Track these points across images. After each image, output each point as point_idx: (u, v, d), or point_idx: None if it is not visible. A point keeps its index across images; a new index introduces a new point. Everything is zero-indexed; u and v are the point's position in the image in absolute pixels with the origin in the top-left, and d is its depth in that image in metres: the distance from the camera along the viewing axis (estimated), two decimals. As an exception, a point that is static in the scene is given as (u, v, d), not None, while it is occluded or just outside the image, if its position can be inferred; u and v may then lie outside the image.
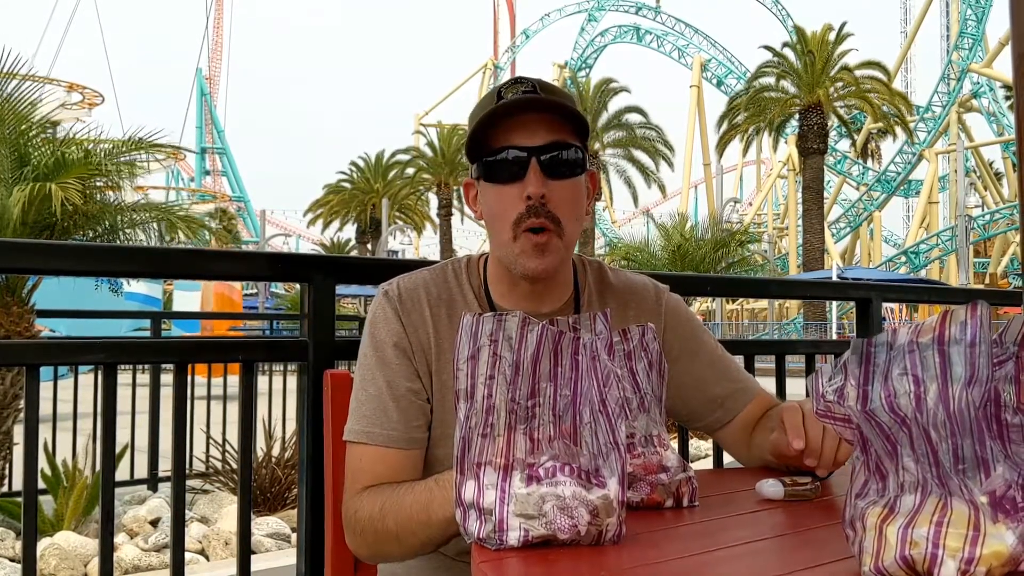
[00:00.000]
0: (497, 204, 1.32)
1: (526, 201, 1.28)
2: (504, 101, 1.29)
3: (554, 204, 1.29)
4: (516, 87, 1.31)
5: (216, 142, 63.56)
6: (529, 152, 1.28)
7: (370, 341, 1.38)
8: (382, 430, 1.30)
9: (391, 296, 1.38)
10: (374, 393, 1.33)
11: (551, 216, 1.29)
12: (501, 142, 1.30)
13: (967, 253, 28.65)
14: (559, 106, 1.29)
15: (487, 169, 1.33)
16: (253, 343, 1.90)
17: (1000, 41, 40.38)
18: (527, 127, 1.29)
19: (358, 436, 1.32)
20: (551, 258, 1.31)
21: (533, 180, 1.27)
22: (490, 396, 1.01)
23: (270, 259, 1.81)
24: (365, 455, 1.31)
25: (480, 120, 1.29)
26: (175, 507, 1.71)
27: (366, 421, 1.32)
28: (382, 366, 1.34)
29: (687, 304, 1.66)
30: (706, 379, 1.51)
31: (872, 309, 2.80)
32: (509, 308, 1.37)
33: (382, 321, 1.37)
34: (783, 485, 1.23)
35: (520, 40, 57.98)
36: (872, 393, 0.87)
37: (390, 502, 1.23)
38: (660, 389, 1.24)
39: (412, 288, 1.39)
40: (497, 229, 1.33)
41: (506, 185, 1.30)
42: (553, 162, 1.29)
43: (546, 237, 1.29)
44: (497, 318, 1.04)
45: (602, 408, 1.01)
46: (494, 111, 1.28)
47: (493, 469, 1.00)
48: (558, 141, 1.29)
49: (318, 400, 1.72)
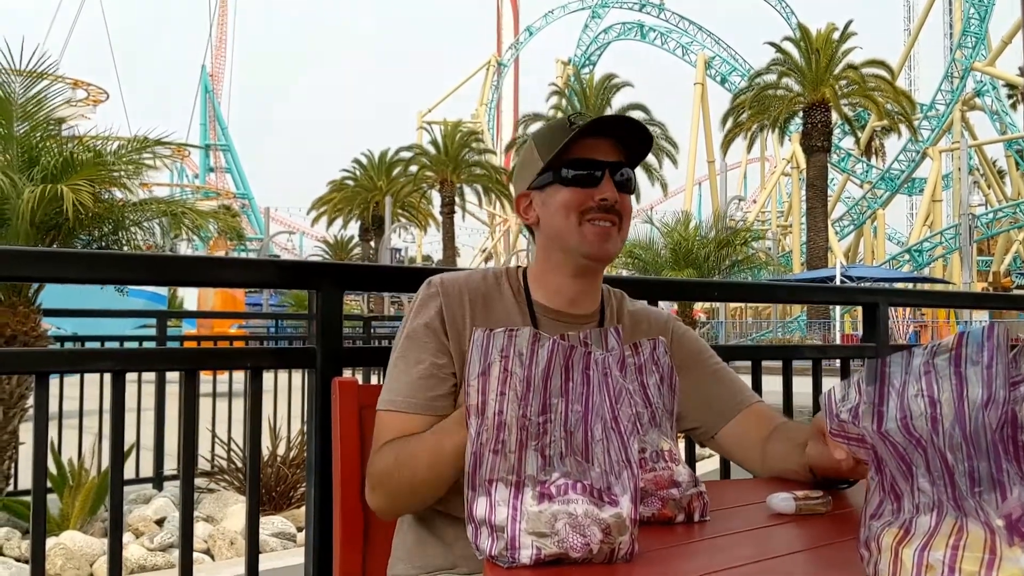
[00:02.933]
0: (571, 201, 1.46)
1: (600, 202, 1.45)
2: (593, 118, 1.46)
3: (621, 208, 1.48)
4: (584, 116, 1.48)
5: (220, 139, 63.63)
6: (606, 165, 1.47)
7: (406, 325, 1.47)
8: (404, 397, 1.39)
9: (433, 284, 1.49)
10: (402, 368, 1.42)
11: (618, 213, 1.47)
12: (578, 154, 1.46)
13: (971, 251, 28.60)
14: (636, 125, 1.48)
15: (564, 174, 1.47)
16: (261, 351, 1.90)
17: (1003, 40, 40.28)
18: (601, 147, 1.48)
19: (384, 405, 1.41)
20: (612, 245, 1.48)
21: (609, 187, 1.46)
22: (501, 412, 1.01)
23: (278, 267, 1.81)
24: (388, 420, 1.39)
25: (581, 129, 1.44)
26: (183, 514, 1.71)
27: (392, 392, 1.41)
28: (412, 344, 1.44)
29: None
30: (704, 388, 1.57)
31: (879, 314, 2.80)
32: (548, 304, 1.50)
33: (419, 307, 1.47)
34: (795, 499, 1.23)
35: (523, 37, 57.93)
36: (887, 413, 0.87)
37: (403, 450, 1.32)
38: (671, 403, 1.24)
39: (453, 280, 1.51)
40: (562, 220, 1.47)
41: (583, 189, 1.46)
42: (622, 177, 1.49)
43: (610, 229, 1.47)
44: (508, 333, 1.04)
45: (614, 425, 1.01)
46: (593, 123, 1.45)
47: (505, 486, 1.00)
48: (622, 162, 1.49)
49: (326, 407, 1.72)
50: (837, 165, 42.68)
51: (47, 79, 5.79)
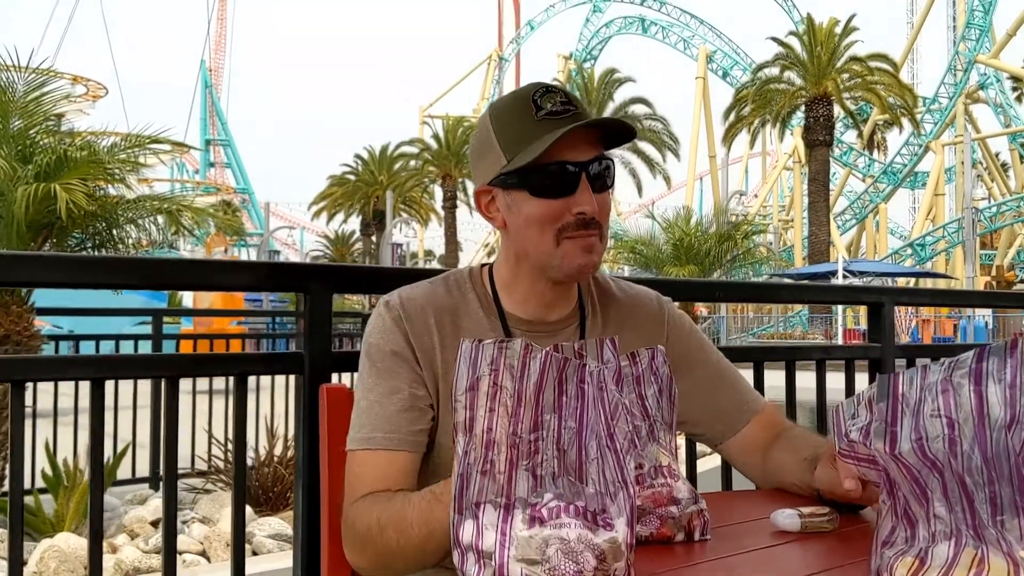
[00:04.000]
0: (543, 216, 1.29)
1: (577, 216, 1.27)
2: (552, 115, 1.26)
3: (600, 215, 1.30)
4: (552, 96, 1.29)
5: (220, 134, 63.47)
6: (580, 167, 1.27)
7: (369, 351, 1.34)
8: (383, 434, 1.27)
9: (392, 306, 1.35)
10: (374, 400, 1.30)
11: (598, 226, 1.30)
12: (548, 156, 1.25)
13: (973, 245, 28.50)
14: (620, 125, 1.29)
15: (532, 182, 1.28)
16: (247, 356, 1.85)
17: (1008, 32, 40.10)
18: (574, 141, 1.26)
19: (358, 444, 1.28)
20: (596, 257, 1.32)
21: (587, 197, 1.27)
22: (490, 430, 0.95)
23: (267, 269, 1.75)
24: (365, 462, 1.27)
25: (558, 137, 1.23)
26: (166, 529, 1.66)
27: (367, 428, 1.28)
28: (382, 374, 1.31)
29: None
30: (708, 390, 1.48)
31: (884, 313, 2.73)
32: (520, 315, 1.36)
33: (380, 331, 1.34)
34: (800, 516, 1.17)
35: (525, 31, 57.74)
36: (901, 434, 0.81)
37: (387, 513, 1.18)
38: (670, 415, 1.18)
39: (414, 297, 1.36)
40: (535, 239, 1.30)
41: (554, 200, 1.28)
42: (599, 176, 1.30)
43: (592, 240, 1.30)
44: (498, 345, 0.98)
45: (610, 442, 0.95)
46: (570, 131, 1.23)
47: (493, 508, 0.94)
48: (601, 156, 1.30)
49: (315, 414, 1.67)
50: (839, 159, 42.53)
51: (46, 75, 5.73)
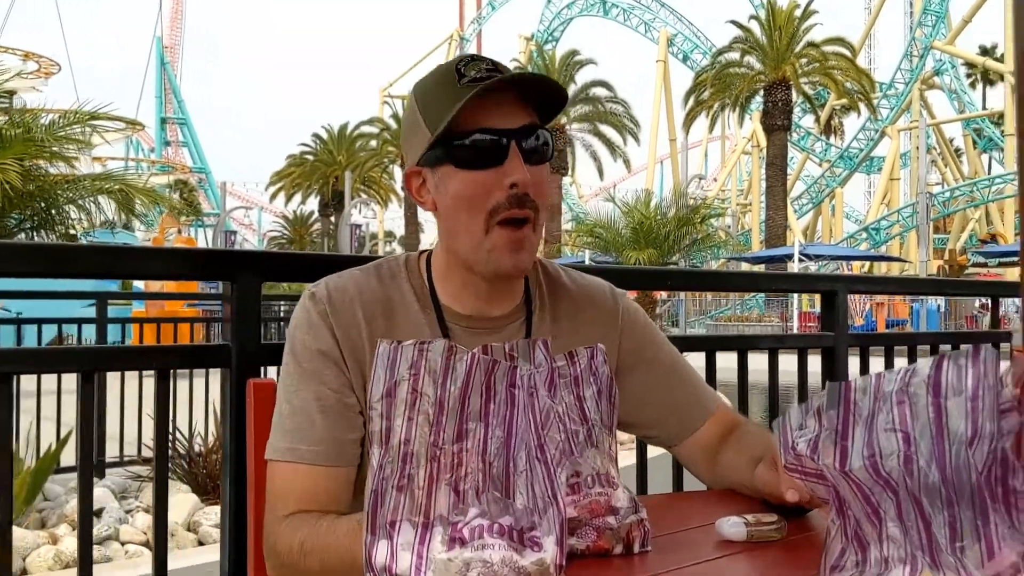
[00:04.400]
0: (470, 191, 1.16)
1: (508, 189, 1.14)
2: (475, 81, 1.13)
3: (535, 192, 1.17)
4: (476, 64, 1.17)
5: (176, 112, 62.45)
6: (509, 135, 1.14)
7: (294, 348, 1.20)
8: (308, 446, 1.14)
9: (318, 298, 1.21)
10: (299, 406, 1.17)
11: (533, 205, 1.17)
12: (472, 123, 1.14)
13: (927, 229, 28.90)
14: (547, 83, 1.17)
15: (457, 153, 1.16)
16: (169, 349, 1.74)
17: (963, 19, 40.56)
18: (501, 108, 1.15)
19: (281, 454, 1.16)
20: (527, 255, 1.18)
21: (518, 166, 1.14)
22: (408, 441, 0.87)
23: (188, 256, 1.64)
24: (288, 475, 1.15)
25: (468, 99, 1.11)
26: (81, 532, 1.56)
27: (290, 437, 1.16)
28: (307, 376, 1.17)
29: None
30: (663, 389, 1.38)
31: (838, 301, 2.69)
32: (458, 309, 1.22)
33: (306, 326, 1.20)
34: (745, 525, 1.10)
35: (486, 11, 57.29)
36: (852, 449, 0.74)
37: (312, 539, 1.08)
38: (611, 418, 1.11)
39: (342, 289, 1.22)
40: (464, 221, 1.17)
41: (482, 171, 1.15)
42: (532, 147, 1.16)
43: (524, 232, 1.16)
44: (419, 347, 0.89)
45: (540, 454, 0.87)
46: (482, 89, 1.11)
47: (410, 528, 0.85)
48: (533, 124, 1.17)
49: (242, 410, 1.58)
50: (797, 144, 42.89)
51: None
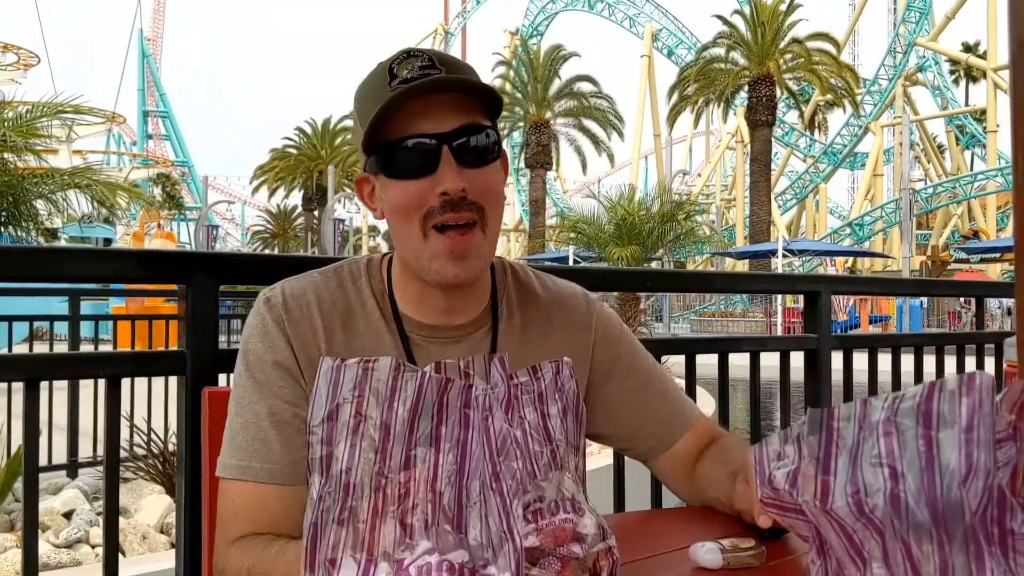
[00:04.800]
0: (403, 202, 1.09)
1: (441, 197, 1.07)
2: (405, 83, 1.05)
3: (476, 193, 1.08)
4: (411, 62, 1.08)
5: (158, 105, 62.03)
6: (439, 139, 1.06)
7: (247, 358, 1.12)
8: (261, 464, 1.07)
9: (274, 304, 1.13)
10: (252, 420, 1.09)
11: (475, 206, 1.08)
12: (403, 130, 1.07)
13: (911, 226, 28.95)
14: (469, 84, 1.08)
15: (387, 162, 1.09)
16: (121, 356, 1.66)
17: (946, 15, 40.72)
18: (432, 110, 1.07)
19: (232, 472, 1.08)
20: (474, 261, 1.09)
21: (448, 173, 1.06)
22: (350, 470, 0.80)
23: (137, 257, 1.55)
24: (240, 494, 1.08)
25: (383, 106, 1.04)
26: (26, 556, 1.47)
27: (242, 454, 1.08)
28: (261, 388, 1.09)
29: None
30: (639, 401, 1.30)
31: (821, 302, 2.63)
32: (419, 318, 1.15)
33: (261, 334, 1.12)
34: (721, 551, 1.03)
35: (471, 5, 57.12)
36: (834, 485, 0.67)
37: (260, 564, 1.01)
38: (577, 437, 1.03)
39: (299, 294, 1.14)
40: (401, 230, 1.11)
41: (413, 180, 1.08)
42: (468, 149, 1.08)
43: (468, 239, 1.08)
44: (363, 365, 0.82)
45: (494, 483, 0.80)
46: (397, 96, 1.04)
47: (352, 564, 0.78)
48: (470, 124, 1.08)
49: (198, 421, 1.50)
50: (781, 139, 43.01)
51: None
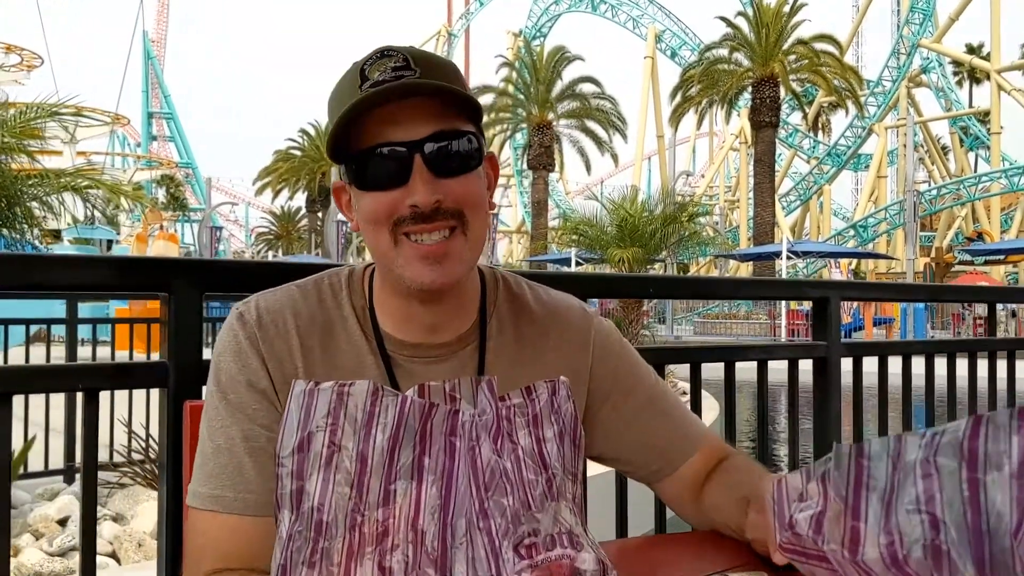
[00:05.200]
0: (373, 215, 1.01)
1: (411, 208, 0.98)
2: (375, 86, 0.97)
3: (453, 201, 1.00)
4: (384, 63, 0.99)
5: (163, 106, 62.04)
6: (410, 148, 0.98)
7: (219, 378, 1.04)
8: (235, 493, 0.99)
9: (247, 320, 1.05)
10: (224, 445, 1.01)
11: (450, 212, 1.00)
12: (372, 138, 0.98)
13: (915, 227, 28.82)
14: (442, 89, 0.99)
15: (357, 172, 1.01)
16: (99, 368, 1.58)
17: (950, 17, 40.59)
18: (404, 115, 0.98)
19: (203, 502, 1.00)
20: (452, 265, 1.01)
21: (420, 184, 0.98)
22: (322, 506, 0.72)
23: (115, 265, 1.47)
24: (211, 526, 0.99)
25: (342, 115, 0.97)
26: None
27: (214, 482, 1.00)
28: (234, 411, 1.02)
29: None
30: (642, 422, 1.21)
31: (831, 309, 2.54)
32: (400, 336, 1.06)
33: (234, 353, 1.04)
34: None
35: (474, 6, 57.05)
36: (865, 532, 0.59)
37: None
38: (575, 463, 0.95)
39: (275, 309, 1.06)
40: (373, 240, 1.03)
41: (384, 192, 0.99)
42: (442, 156, 0.99)
43: (444, 245, 1.00)
44: (338, 389, 0.74)
45: (482, 521, 0.72)
46: (360, 102, 0.96)
47: (324, 613, 0.70)
48: (446, 130, 0.99)
49: (180, 435, 1.43)
50: (785, 140, 42.93)
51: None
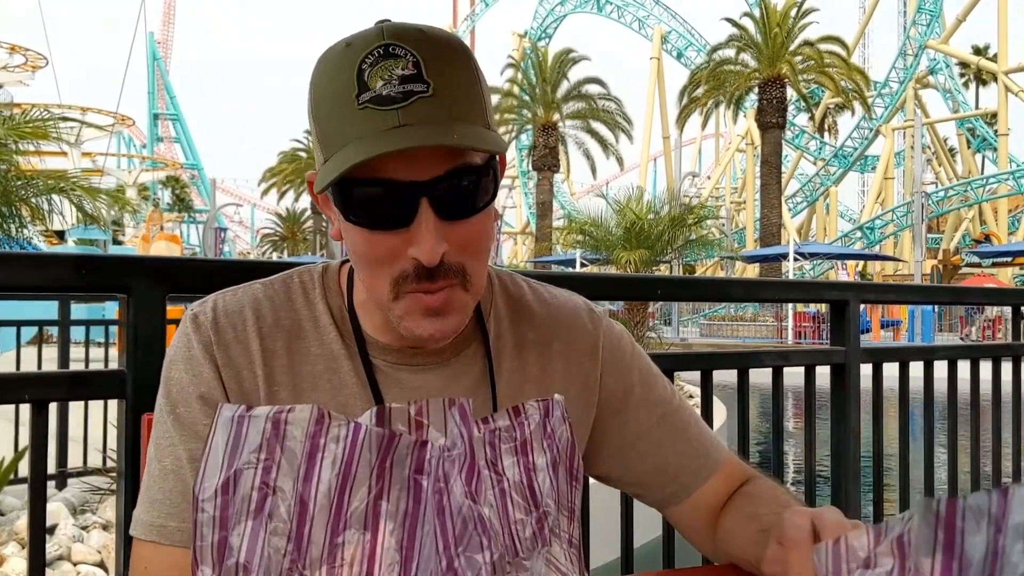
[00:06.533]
0: (369, 255, 0.85)
1: (415, 264, 0.83)
2: (378, 101, 0.79)
3: (456, 251, 0.84)
4: (389, 68, 0.79)
5: (169, 108, 62.10)
6: (418, 191, 0.80)
7: (169, 390, 0.90)
8: (178, 523, 0.85)
9: (201, 323, 0.91)
10: (171, 467, 0.87)
11: (453, 270, 0.84)
12: (370, 169, 0.79)
13: (922, 229, 28.62)
14: (469, 139, 0.80)
15: (347, 202, 0.83)
16: (50, 377, 1.44)
17: (957, 18, 40.43)
18: (413, 149, 0.79)
19: (145, 531, 0.86)
20: (454, 318, 0.87)
21: (426, 233, 0.81)
22: (249, 564, 0.57)
23: (68, 263, 1.33)
24: (152, 559, 0.86)
25: (340, 154, 0.80)
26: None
27: (158, 509, 0.87)
28: (184, 428, 0.88)
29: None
30: (655, 439, 1.05)
31: (849, 312, 2.39)
32: (384, 340, 0.92)
33: (185, 361, 0.90)
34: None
35: (480, 8, 56.97)
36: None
37: None
38: (571, 496, 0.81)
39: (235, 310, 0.92)
40: (368, 278, 0.88)
41: (382, 233, 0.83)
42: (452, 197, 0.82)
43: (443, 297, 0.85)
44: (274, 417, 0.59)
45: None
46: (363, 146, 0.78)
47: None
48: (459, 167, 0.81)
49: (138, 450, 1.29)
50: (791, 142, 42.73)
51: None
